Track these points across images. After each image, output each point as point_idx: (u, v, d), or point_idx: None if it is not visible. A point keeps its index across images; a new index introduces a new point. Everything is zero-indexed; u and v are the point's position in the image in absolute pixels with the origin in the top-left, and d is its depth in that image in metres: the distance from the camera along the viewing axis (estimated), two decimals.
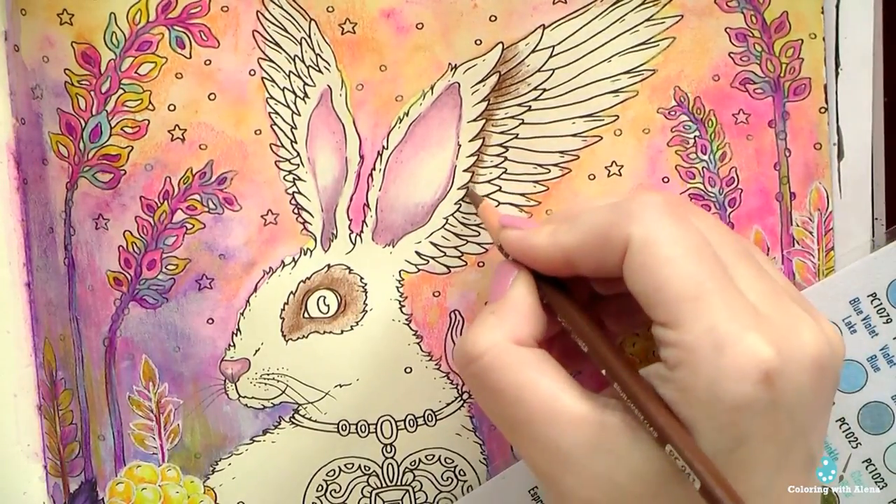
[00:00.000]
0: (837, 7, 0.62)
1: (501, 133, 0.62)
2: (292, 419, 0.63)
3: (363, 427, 0.63)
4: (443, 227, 0.62)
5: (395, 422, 0.63)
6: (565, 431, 0.50)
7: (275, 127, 0.62)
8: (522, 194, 0.62)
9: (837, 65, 0.62)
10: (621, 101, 0.62)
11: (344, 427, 0.63)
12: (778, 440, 0.48)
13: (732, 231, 0.57)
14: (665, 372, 0.49)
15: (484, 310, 0.55)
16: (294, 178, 0.62)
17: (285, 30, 0.61)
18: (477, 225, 0.62)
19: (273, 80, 0.61)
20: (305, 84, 0.62)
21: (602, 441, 0.50)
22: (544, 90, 0.61)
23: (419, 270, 0.63)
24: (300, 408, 0.63)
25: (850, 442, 0.62)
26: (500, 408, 0.52)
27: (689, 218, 0.52)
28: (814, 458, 0.51)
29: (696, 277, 0.49)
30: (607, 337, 0.54)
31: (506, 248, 0.57)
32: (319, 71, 0.61)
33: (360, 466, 0.63)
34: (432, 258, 0.62)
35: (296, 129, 0.62)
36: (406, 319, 0.63)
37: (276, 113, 0.62)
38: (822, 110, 0.62)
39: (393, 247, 0.62)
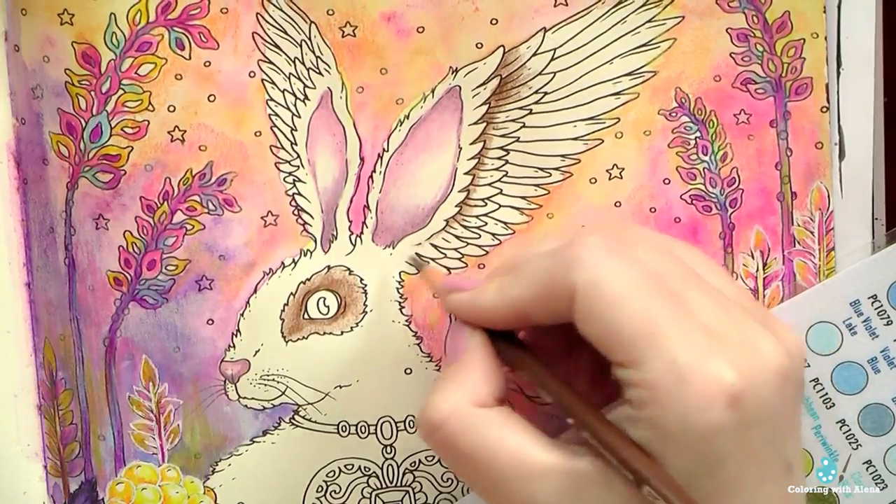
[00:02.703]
0: (839, 7, 0.61)
1: (502, 136, 0.62)
2: (292, 420, 0.63)
3: (363, 428, 0.63)
4: (443, 229, 0.62)
5: (395, 423, 0.63)
6: (539, 485, 0.50)
7: (275, 129, 0.62)
8: (524, 197, 0.62)
9: (839, 64, 0.62)
10: (622, 104, 0.62)
11: (344, 428, 0.63)
12: (754, 456, 0.48)
13: (675, 247, 0.56)
14: (633, 412, 0.49)
15: (441, 375, 0.56)
16: (294, 180, 0.62)
17: (285, 32, 0.61)
18: (477, 227, 0.62)
19: (273, 82, 0.61)
20: (305, 86, 0.61)
21: (577, 489, 0.50)
22: (545, 93, 0.61)
23: (419, 271, 0.63)
24: (300, 409, 0.63)
25: (850, 443, 0.62)
26: (471, 472, 0.52)
27: (631, 251, 0.52)
28: (790, 465, 0.51)
29: (648, 313, 0.49)
30: (570, 385, 0.54)
31: (454, 314, 0.57)
32: (320, 73, 0.61)
33: (360, 467, 0.63)
34: (432, 260, 0.62)
35: (296, 130, 0.62)
36: (406, 320, 0.63)
37: (276, 115, 0.61)
38: (824, 110, 0.62)
39: (393, 248, 0.62)
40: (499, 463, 0.51)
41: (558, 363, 0.58)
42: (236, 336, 0.62)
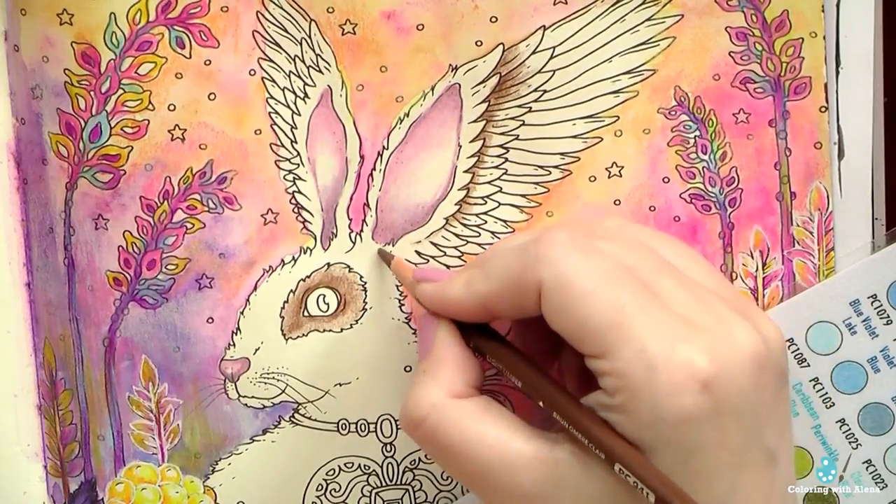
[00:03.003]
0: (838, 6, 0.62)
1: (502, 134, 0.62)
2: (292, 418, 0.63)
3: (363, 426, 0.63)
4: (443, 227, 0.62)
5: (395, 421, 0.63)
6: (521, 474, 0.51)
7: (275, 127, 0.62)
8: (523, 195, 0.62)
9: (838, 63, 0.62)
10: (622, 102, 0.62)
11: (344, 426, 0.63)
12: (729, 445, 0.48)
13: (651, 238, 0.56)
14: (606, 399, 0.49)
15: (417, 370, 0.56)
16: (294, 178, 0.62)
17: (285, 30, 0.61)
18: (477, 226, 0.62)
19: (273, 80, 0.61)
20: (306, 84, 0.61)
21: (558, 477, 0.50)
22: (545, 91, 0.61)
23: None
24: (300, 407, 0.63)
25: (850, 443, 0.62)
26: (455, 465, 0.53)
27: (599, 245, 0.52)
28: (774, 455, 0.51)
29: (615, 304, 0.49)
30: (541, 369, 0.54)
31: (423, 303, 0.57)
32: (320, 71, 0.61)
33: (359, 466, 0.63)
34: (432, 258, 0.62)
35: (296, 128, 0.62)
36: (406, 318, 0.63)
37: (277, 113, 0.62)
38: (823, 109, 0.62)
39: (393, 246, 0.62)
40: (480, 455, 0.51)
41: (546, 363, 0.58)
42: (236, 334, 0.62)
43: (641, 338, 0.48)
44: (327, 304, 0.62)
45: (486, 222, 0.62)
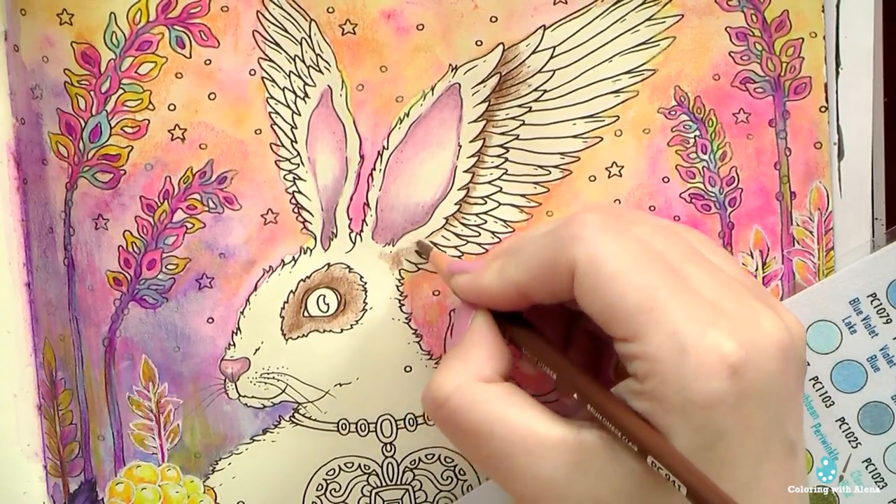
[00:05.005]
0: (838, 6, 0.62)
1: (502, 134, 0.62)
2: (292, 418, 0.63)
3: (363, 426, 0.63)
4: (443, 227, 0.62)
5: (395, 421, 0.63)
6: (544, 458, 0.51)
7: (275, 126, 0.62)
8: (523, 195, 0.62)
9: (838, 64, 0.62)
10: (622, 102, 0.62)
11: (344, 426, 0.63)
12: (754, 431, 0.49)
13: (676, 226, 0.57)
14: (636, 386, 0.49)
15: (447, 354, 0.56)
16: (294, 178, 0.62)
17: (285, 30, 0.61)
18: (477, 226, 0.62)
19: (273, 80, 0.61)
20: (306, 84, 0.61)
21: (582, 461, 0.50)
22: (545, 91, 0.61)
23: (419, 269, 0.63)
24: (300, 407, 0.63)
25: (850, 442, 0.62)
26: (476, 447, 0.52)
27: (630, 229, 0.52)
28: (794, 445, 0.51)
29: (647, 287, 0.49)
30: (573, 361, 0.54)
31: (458, 295, 0.57)
32: (320, 71, 0.61)
33: (359, 465, 0.63)
34: None
35: (296, 128, 0.62)
36: (406, 318, 0.63)
37: (277, 113, 0.62)
38: (823, 109, 0.62)
39: (393, 246, 0.62)
40: (503, 437, 0.51)
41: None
42: (236, 334, 0.62)
43: (673, 322, 0.48)
44: (327, 304, 0.62)
45: (485, 222, 0.62)
